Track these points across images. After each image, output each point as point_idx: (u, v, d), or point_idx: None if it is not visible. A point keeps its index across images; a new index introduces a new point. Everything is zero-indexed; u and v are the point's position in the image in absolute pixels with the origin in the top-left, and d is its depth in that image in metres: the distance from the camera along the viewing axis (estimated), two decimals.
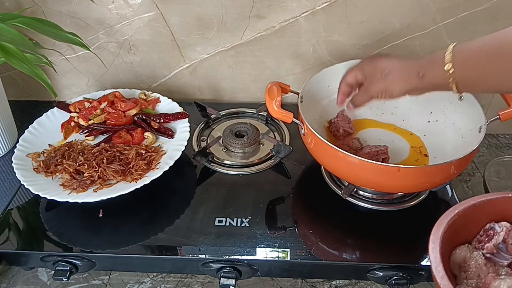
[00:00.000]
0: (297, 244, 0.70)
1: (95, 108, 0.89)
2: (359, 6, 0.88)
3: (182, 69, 1.01)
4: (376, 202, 0.77)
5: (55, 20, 0.85)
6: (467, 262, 0.58)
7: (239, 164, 0.86)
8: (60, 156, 0.81)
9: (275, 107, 0.72)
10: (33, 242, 0.72)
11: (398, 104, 0.88)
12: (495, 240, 0.59)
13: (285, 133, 0.92)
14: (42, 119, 0.88)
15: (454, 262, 0.59)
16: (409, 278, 0.67)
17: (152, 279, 0.75)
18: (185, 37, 0.95)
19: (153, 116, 0.88)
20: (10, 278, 0.75)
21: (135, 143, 0.85)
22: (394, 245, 0.71)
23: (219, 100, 1.06)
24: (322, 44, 0.94)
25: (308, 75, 0.91)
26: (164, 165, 0.76)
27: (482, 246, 0.59)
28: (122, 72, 1.02)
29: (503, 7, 0.86)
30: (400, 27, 0.91)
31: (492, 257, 0.59)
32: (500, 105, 0.73)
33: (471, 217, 0.59)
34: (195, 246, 0.70)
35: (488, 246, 0.59)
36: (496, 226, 0.60)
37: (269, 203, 0.77)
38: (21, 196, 0.80)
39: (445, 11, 0.88)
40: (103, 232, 0.73)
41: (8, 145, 0.90)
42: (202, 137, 0.93)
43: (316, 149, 0.72)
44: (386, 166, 0.65)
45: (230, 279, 0.67)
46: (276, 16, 0.91)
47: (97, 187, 0.75)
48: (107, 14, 0.92)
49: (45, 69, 0.81)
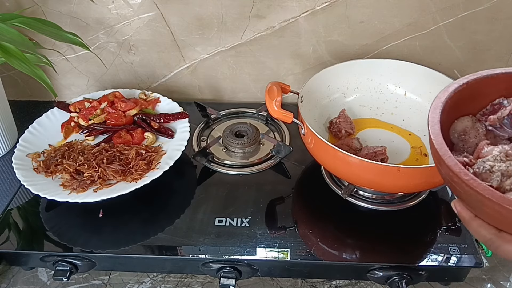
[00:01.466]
0: (297, 244, 0.70)
1: (95, 108, 0.89)
2: (359, 6, 0.89)
3: (182, 69, 1.01)
4: (376, 202, 0.77)
5: (55, 20, 0.85)
6: (468, 132, 0.56)
7: (239, 164, 0.86)
8: (60, 156, 0.81)
9: (275, 107, 0.72)
10: (33, 242, 0.72)
11: (398, 104, 0.88)
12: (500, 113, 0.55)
13: (285, 133, 0.92)
14: (42, 119, 0.88)
15: (454, 129, 0.57)
16: (409, 278, 0.67)
17: (152, 279, 0.75)
18: (185, 37, 0.95)
19: (153, 116, 0.88)
20: (10, 278, 0.75)
21: (135, 143, 0.85)
22: (394, 245, 0.71)
23: (219, 100, 1.06)
24: (322, 44, 0.95)
25: (308, 75, 0.91)
26: (164, 165, 0.76)
27: (485, 118, 0.56)
28: (122, 72, 1.02)
29: (503, 7, 0.86)
30: (400, 27, 0.91)
31: (494, 130, 0.56)
32: None
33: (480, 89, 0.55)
34: (195, 246, 0.70)
35: (491, 117, 0.56)
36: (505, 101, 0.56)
37: (269, 203, 0.77)
38: (21, 196, 0.80)
39: (445, 11, 0.88)
40: (103, 232, 0.73)
41: (8, 145, 0.90)
42: (202, 137, 0.93)
43: (316, 149, 0.72)
44: (386, 166, 0.65)
45: (230, 279, 0.67)
46: (276, 16, 0.91)
47: (97, 187, 0.75)
48: (107, 14, 0.92)
49: (45, 69, 0.81)
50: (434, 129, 0.48)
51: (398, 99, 0.88)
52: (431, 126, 0.49)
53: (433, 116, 0.50)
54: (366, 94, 0.89)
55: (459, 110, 0.56)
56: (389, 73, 0.87)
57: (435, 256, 0.68)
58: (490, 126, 0.56)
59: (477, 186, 0.40)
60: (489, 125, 0.56)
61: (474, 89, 0.54)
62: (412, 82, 0.86)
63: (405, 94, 0.87)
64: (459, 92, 0.53)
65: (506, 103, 0.56)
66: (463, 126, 0.56)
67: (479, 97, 0.57)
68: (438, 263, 0.67)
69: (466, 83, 0.53)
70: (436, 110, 0.50)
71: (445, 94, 0.52)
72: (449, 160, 0.44)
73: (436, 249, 0.69)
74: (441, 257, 0.68)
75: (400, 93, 0.88)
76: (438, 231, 0.72)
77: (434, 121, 0.49)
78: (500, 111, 0.55)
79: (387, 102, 0.88)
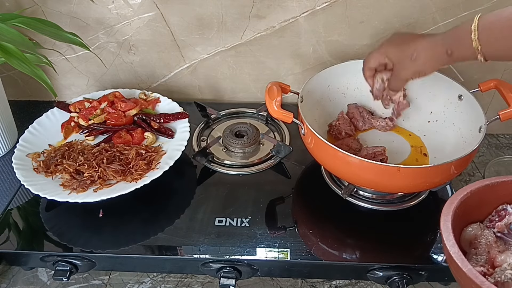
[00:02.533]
0: (297, 244, 0.70)
1: (95, 108, 0.89)
2: (359, 6, 0.89)
3: (182, 69, 1.01)
4: (376, 202, 0.77)
5: (55, 20, 0.85)
6: (478, 239, 0.58)
7: (239, 164, 0.86)
8: (60, 156, 0.81)
9: (275, 107, 0.72)
10: (33, 242, 0.72)
11: None
12: (506, 220, 0.59)
13: (285, 133, 0.92)
14: (42, 119, 0.88)
15: (464, 238, 0.60)
16: (409, 278, 0.67)
17: (152, 279, 0.75)
18: (185, 37, 0.95)
19: (153, 116, 0.88)
20: (10, 278, 0.75)
21: (135, 143, 0.85)
22: (394, 245, 0.71)
23: (219, 100, 1.06)
24: (322, 44, 0.95)
25: (308, 75, 0.91)
26: (164, 165, 0.76)
27: (493, 225, 0.59)
28: (122, 72, 1.02)
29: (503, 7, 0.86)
30: (400, 27, 0.91)
31: (503, 237, 0.59)
32: (500, 105, 0.73)
33: (483, 197, 0.59)
34: (195, 246, 0.70)
35: (499, 225, 0.59)
36: (508, 207, 0.60)
37: (269, 203, 0.77)
38: (21, 196, 0.80)
39: (445, 11, 0.88)
40: (103, 232, 0.73)
41: (8, 145, 0.90)
42: (202, 137, 0.93)
43: (316, 149, 0.72)
44: (386, 166, 0.65)
45: (230, 279, 0.67)
46: (276, 16, 0.91)
47: (97, 187, 0.75)
48: (107, 14, 0.92)
49: (45, 69, 0.81)
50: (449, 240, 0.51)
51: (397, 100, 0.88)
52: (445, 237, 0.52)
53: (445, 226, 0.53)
54: (366, 94, 0.88)
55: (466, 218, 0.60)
56: None
57: (435, 256, 0.68)
58: (498, 232, 0.59)
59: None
60: (498, 231, 0.59)
61: (477, 197, 0.58)
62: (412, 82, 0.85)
63: None
64: (464, 201, 0.57)
65: (510, 208, 0.60)
66: (473, 234, 0.60)
67: (483, 204, 0.61)
68: (438, 263, 0.67)
69: (470, 192, 0.57)
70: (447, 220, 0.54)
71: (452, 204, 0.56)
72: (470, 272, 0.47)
73: (436, 249, 0.69)
74: (441, 257, 0.68)
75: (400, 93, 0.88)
76: (438, 231, 0.72)
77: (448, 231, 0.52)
78: (506, 217, 0.59)
79: None
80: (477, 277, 0.46)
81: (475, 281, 0.45)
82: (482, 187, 0.59)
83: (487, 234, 0.58)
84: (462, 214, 0.57)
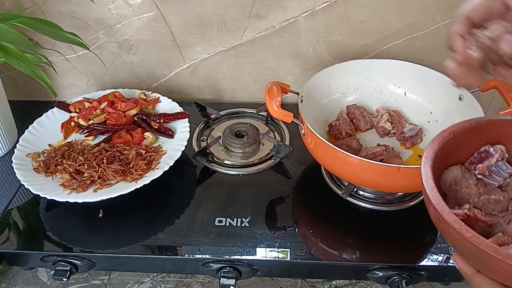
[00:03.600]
0: (297, 244, 0.70)
1: (95, 108, 0.89)
2: (359, 6, 0.89)
3: (182, 69, 1.01)
4: (376, 202, 0.77)
5: (55, 20, 0.85)
6: (458, 181, 0.57)
7: (239, 164, 0.86)
8: (60, 156, 0.81)
9: (275, 107, 0.72)
10: (33, 242, 0.72)
11: (398, 104, 0.88)
12: (488, 162, 0.57)
13: (285, 133, 0.92)
14: (42, 119, 0.88)
15: (445, 180, 0.58)
16: (409, 278, 0.67)
17: (152, 279, 0.75)
18: (185, 37, 0.95)
19: (153, 116, 0.88)
20: (10, 278, 0.75)
21: (135, 143, 0.85)
22: (394, 245, 0.71)
23: (219, 100, 1.06)
24: (322, 44, 0.95)
25: (308, 75, 0.91)
26: (164, 165, 0.76)
27: (474, 167, 0.58)
28: (122, 72, 1.02)
29: None
30: (400, 27, 0.91)
31: (484, 179, 0.58)
32: (500, 105, 0.73)
33: (466, 138, 0.58)
34: (195, 246, 0.70)
35: (480, 166, 0.57)
36: (491, 148, 0.59)
37: (269, 203, 0.77)
38: (21, 196, 0.80)
39: (445, 11, 0.88)
40: (103, 232, 0.73)
41: (8, 145, 0.90)
42: (202, 137, 0.93)
43: (316, 149, 0.72)
44: (386, 166, 0.65)
45: (230, 279, 0.67)
46: (276, 16, 0.91)
47: (97, 187, 0.75)
48: (107, 14, 0.92)
49: (45, 69, 0.81)
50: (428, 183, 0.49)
51: (398, 99, 0.88)
52: (425, 181, 0.50)
53: (425, 170, 0.51)
54: (366, 94, 0.89)
55: (447, 160, 0.58)
56: (389, 73, 0.87)
57: (435, 256, 0.68)
58: (479, 174, 0.58)
59: (480, 243, 0.40)
60: (479, 173, 0.58)
61: (460, 138, 0.56)
62: (412, 82, 0.86)
63: (405, 94, 0.87)
64: (446, 142, 0.54)
65: (493, 150, 0.58)
66: (453, 176, 0.58)
67: (465, 145, 0.58)
68: (438, 263, 0.67)
69: (452, 133, 0.55)
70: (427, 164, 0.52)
71: (433, 146, 0.53)
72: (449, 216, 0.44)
73: (436, 249, 0.69)
74: (441, 257, 0.68)
75: (400, 93, 0.88)
76: (438, 231, 0.72)
77: (427, 175, 0.50)
78: (488, 159, 0.57)
79: (387, 102, 0.88)
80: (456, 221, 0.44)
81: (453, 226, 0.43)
82: (465, 127, 0.56)
83: (467, 176, 0.57)
84: (443, 156, 0.55)
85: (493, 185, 0.57)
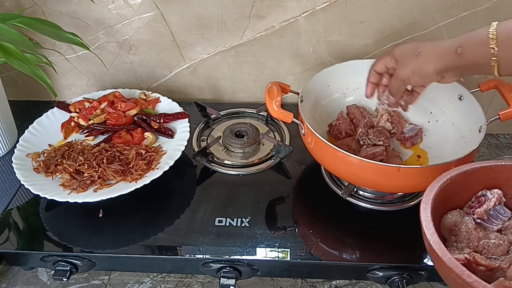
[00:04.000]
0: (297, 244, 0.70)
1: (95, 108, 0.89)
2: (359, 6, 0.89)
3: (182, 69, 1.01)
4: (376, 202, 0.77)
5: (55, 20, 0.85)
6: (458, 226, 0.58)
7: (239, 164, 0.86)
8: (60, 156, 0.81)
9: (275, 107, 0.72)
10: (33, 242, 0.72)
11: None
12: (486, 206, 0.59)
13: (285, 133, 0.92)
14: (42, 119, 0.88)
15: (444, 225, 0.59)
16: (409, 278, 0.67)
17: (152, 279, 0.75)
18: (185, 37, 0.95)
19: (153, 116, 0.88)
20: (10, 278, 0.75)
21: (135, 143, 0.85)
22: (394, 245, 0.71)
23: (219, 100, 1.06)
24: (322, 44, 0.95)
25: (308, 75, 0.91)
26: (164, 165, 0.76)
27: (473, 211, 0.59)
28: (122, 72, 1.02)
29: (503, 7, 0.86)
30: (400, 27, 0.91)
31: (483, 223, 0.59)
32: (500, 105, 0.73)
33: (464, 183, 0.59)
34: (195, 246, 0.70)
35: (478, 211, 0.59)
36: (488, 193, 0.60)
37: (269, 203, 0.77)
38: (21, 196, 0.80)
39: (445, 11, 0.88)
40: (103, 232, 0.73)
41: (8, 145, 0.90)
42: (202, 137, 0.93)
43: (316, 149, 0.72)
44: (386, 166, 0.65)
45: (230, 279, 0.67)
46: (276, 16, 0.91)
47: (97, 187, 0.75)
48: (107, 14, 0.92)
49: (45, 69, 0.81)
50: (428, 228, 0.50)
51: None
52: (425, 226, 0.51)
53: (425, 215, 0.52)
54: None
55: (446, 204, 0.59)
56: None
57: None
58: (478, 219, 0.59)
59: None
60: (477, 218, 0.59)
61: (457, 183, 0.58)
62: None
63: None
64: (444, 187, 0.56)
65: (490, 194, 0.60)
66: (453, 221, 0.59)
67: (463, 190, 0.60)
68: None
69: (450, 179, 0.57)
70: (427, 208, 0.53)
71: (432, 191, 0.55)
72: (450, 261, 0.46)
73: None
74: None
75: None
76: None
77: (427, 220, 0.51)
78: (486, 203, 0.59)
79: None
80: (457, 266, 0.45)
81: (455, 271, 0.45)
82: (461, 173, 0.58)
83: (467, 221, 0.58)
84: (442, 201, 0.56)
85: (492, 229, 0.59)
